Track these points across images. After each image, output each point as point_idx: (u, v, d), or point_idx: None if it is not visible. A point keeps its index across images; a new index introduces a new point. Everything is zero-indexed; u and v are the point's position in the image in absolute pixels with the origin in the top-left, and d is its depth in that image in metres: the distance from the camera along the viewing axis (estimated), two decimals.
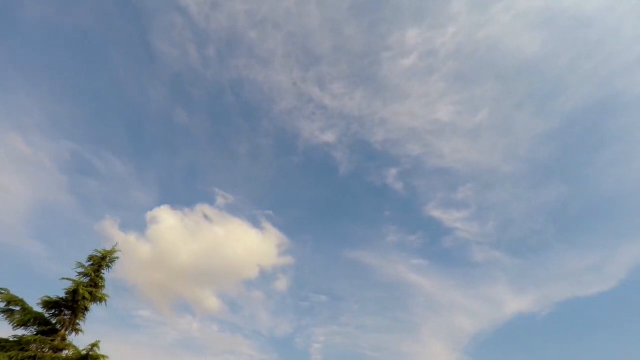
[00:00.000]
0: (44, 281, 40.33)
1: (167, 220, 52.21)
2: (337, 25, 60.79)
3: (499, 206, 65.54)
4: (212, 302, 51.87)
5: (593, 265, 54.90)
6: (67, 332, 11.39)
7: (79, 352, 11.10)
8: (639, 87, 53.49)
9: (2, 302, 10.74)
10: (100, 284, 12.32)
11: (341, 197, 71.12)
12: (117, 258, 13.23)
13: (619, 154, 59.30)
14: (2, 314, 10.76)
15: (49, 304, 11.35)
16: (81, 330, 11.76)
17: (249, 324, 51.73)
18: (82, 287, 11.59)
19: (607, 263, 53.77)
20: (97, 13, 54.42)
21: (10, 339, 10.52)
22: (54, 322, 11.39)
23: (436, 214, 64.09)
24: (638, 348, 45.47)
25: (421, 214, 66.51)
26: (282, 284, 56.25)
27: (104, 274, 12.68)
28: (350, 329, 54.36)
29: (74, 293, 11.45)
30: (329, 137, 66.19)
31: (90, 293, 11.79)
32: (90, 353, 11.10)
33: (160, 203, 59.81)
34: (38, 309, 11.30)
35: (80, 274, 12.17)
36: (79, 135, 54.44)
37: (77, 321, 11.70)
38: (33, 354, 10.32)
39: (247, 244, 56.94)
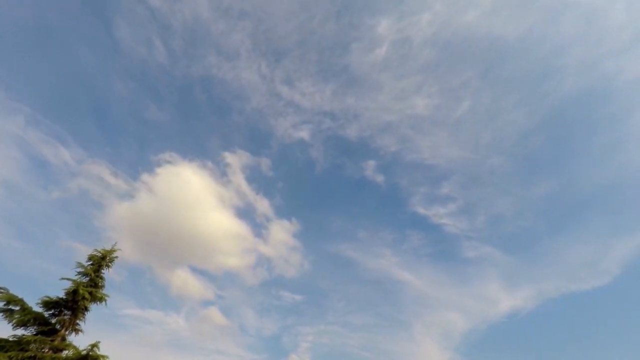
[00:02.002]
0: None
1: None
2: (305, 13, 58.24)
3: (487, 201, 64.29)
4: (189, 280, 51.09)
5: (587, 261, 54.14)
6: (66, 332, 11.36)
7: (79, 352, 11.08)
8: (631, 72, 51.12)
9: (1, 301, 10.68)
10: (100, 284, 12.28)
11: (320, 192, 70.24)
12: (117, 257, 13.21)
13: (611, 143, 56.93)
14: (2, 314, 10.70)
15: (48, 304, 11.30)
16: (81, 330, 11.75)
17: (234, 317, 51.61)
18: (82, 287, 11.54)
19: (602, 258, 52.96)
20: (57, 4, 52.24)
21: (10, 339, 10.47)
22: (53, 322, 11.35)
23: (420, 208, 63.26)
24: (634, 343, 45.54)
25: (405, 208, 65.59)
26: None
27: (103, 273, 12.65)
28: (337, 327, 53.93)
29: (73, 293, 11.41)
30: (303, 133, 65.19)
31: (90, 293, 11.75)
32: (90, 353, 11.09)
33: None
34: (37, 308, 11.27)
35: (79, 273, 12.12)
36: (44, 127, 52.05)
37: (77, 321, 11.68)
38: (33, 354, 10.28)
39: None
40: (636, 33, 48.83)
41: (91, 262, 12.45)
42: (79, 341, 11.55)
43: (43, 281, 40.74)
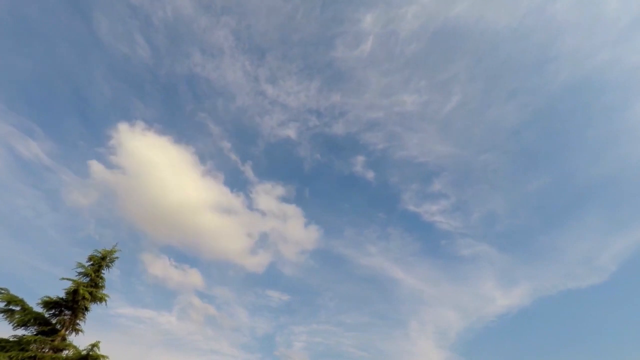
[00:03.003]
0: None
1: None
2: (288, 6, 56.24)
3: (481, 198, 62.82)
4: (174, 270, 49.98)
5: (583, 258, 53.10)
6: (67, 332, 11.40)
7: (79, 352, 11.12)
8: (626, 62, 49.23)
9: (2, 302, 10.73)
10: (100, 284, 12.33)
11: (308, 188, 68.61)
12: (117, 258, 13.27)
13: (606, 136, 55.02)
14: (2, 314, 10.76)
15: (49, 304, 11.36)
16: (81, 330, 11.80)
17: (226, 314, 51.03)
18: (82, 287, 11.59)
19: (598, 255, 51.91)
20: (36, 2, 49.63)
21: (10, 339, 10.52)
22: (54, 322, 11.40)
23: (412, 206, 62.15)
24: (631, 341, 44.82)
25: (397, 205, 64.29)
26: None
27: (104, 273, 12.70)
28: (330, 326, 52.96)
29: (74, 293, 11.46)
30: (290, 131, 64.10)
31: (91, 293, 11.80)
32: (90, 353, 11.13)
33: None
34: (38, 309, 11.31)
35: (80, 273, 12.18)
36: (15, 120, 49.07)
37: (77, 321, 11.73)
38: (33, 354, 10.32)
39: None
40: (632, 21, 47.29)
41: (91, 263, 12.51)
42: (79, 341, 11.60)
43: (30, 278, 40.17)
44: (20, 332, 10.90)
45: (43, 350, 10.81)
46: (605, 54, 50.95)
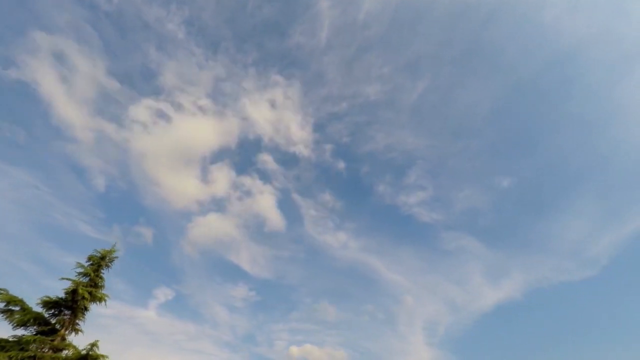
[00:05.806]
0: None
1: None
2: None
3: (461, 188, 59.61)
4: None
5: (573, 251, 51.18)
6: (66, 332, 11.41)
7: (79, 352, 11.12)
8: (616, 33, 43.97)
9: (1, 302, 10.74)
10: (99, 284, 12.33)
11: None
12: (117, 257, 13.26)
13: (595, 116, 49.81)
14: (2, 314, 10.77)
15: (48, 304, 11.37)
16: (81, 330, 11.80)
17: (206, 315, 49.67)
18: (81, 287, 11.59)
19: (589, 247, 49.60)
20: None
21: (10, 339, 10.54)
22: (53, 322, 11.41)
23: (387, 198, 60.12)
24: (624, 337, 43.87)
25: (371, 197, 61.97)
26: None
27: (103, 273, 12.69)
28: (310, 324, 51.92)
29: (73, 293, 11.46)
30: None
31: (90, 293, 11.80)
32: (90, 353, 11.13)
33: None
34: (37, 308, 11.32)
35: (79, 273, 12.17)
36: None
37: (77, 321, 11.73)
38: (33, 354, 10.33)
39: None
40: None
41: (91, 262, 12.51)
42: (78, 341, 11.61)
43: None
44: (20, 332, 10.92)
45: (43, 350, 10.81)
46: (592, 27, 45.54)
